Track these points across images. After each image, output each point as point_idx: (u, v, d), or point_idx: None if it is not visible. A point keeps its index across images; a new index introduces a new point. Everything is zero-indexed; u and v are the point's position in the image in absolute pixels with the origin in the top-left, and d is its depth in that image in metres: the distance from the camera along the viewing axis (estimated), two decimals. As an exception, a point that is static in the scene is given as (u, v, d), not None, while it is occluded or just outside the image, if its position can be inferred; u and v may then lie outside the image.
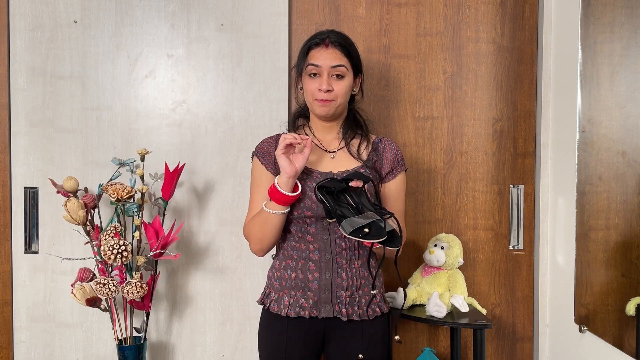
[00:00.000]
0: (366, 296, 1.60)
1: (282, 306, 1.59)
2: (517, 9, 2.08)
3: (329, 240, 1.58)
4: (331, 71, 1.56)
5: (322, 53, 1.57)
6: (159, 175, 1.91)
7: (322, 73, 1.56)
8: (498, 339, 2.14)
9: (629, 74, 1.54)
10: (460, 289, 1.91)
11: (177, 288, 2.06)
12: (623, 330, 1.57)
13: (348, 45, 1.60)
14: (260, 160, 1.66)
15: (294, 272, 1.59)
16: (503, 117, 2.10)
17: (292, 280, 1.59)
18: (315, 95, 1.58)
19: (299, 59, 1.64)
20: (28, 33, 1.99)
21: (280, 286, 1.61)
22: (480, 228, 2.11)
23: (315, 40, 1.60)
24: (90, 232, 1.84)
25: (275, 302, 1.61)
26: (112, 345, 2.03)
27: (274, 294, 1.62)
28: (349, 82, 1.60)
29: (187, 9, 2.02)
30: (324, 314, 1.56)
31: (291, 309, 1.57)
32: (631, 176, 1.52)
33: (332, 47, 1.58)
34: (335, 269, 1.57)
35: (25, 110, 2.00)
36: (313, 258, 1.58)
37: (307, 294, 1.57)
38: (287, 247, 1.62)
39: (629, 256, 1.54)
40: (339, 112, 1.63)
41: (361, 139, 1.67)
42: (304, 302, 1.57)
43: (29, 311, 2.02)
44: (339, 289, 1.57)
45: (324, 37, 1.59)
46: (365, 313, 1.58)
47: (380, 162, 1.65)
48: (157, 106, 2.03)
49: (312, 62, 1.57)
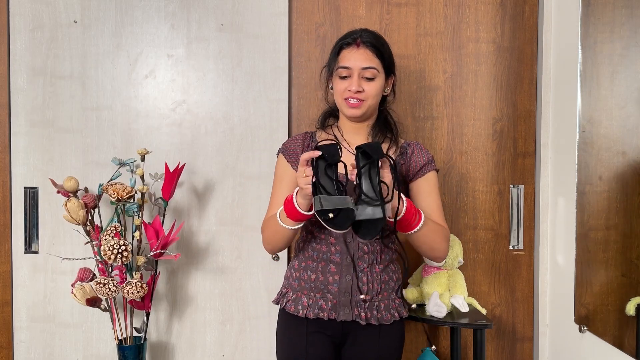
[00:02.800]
0: (385, 301, 1.58)
1: (301, 307, 1.57)
2: (517, 9, 2.08)
3: (352, 243, 1.56)
4: (362, 72, 1.53)
5: (353, 54, 1.53)
6: (159, 175, 1.91)
7: (353, 74, 1.53)
8: (498, 339, 2.14)
9: (629, 74, 1.54)
10: (460, 289, 1.91)
11: (177, 288, 2.06)
12: (623, 330, 1.57)
13: (380, 46, 1.56)
14: (285, 158, 1.64)
15: (314, 273, 1.57)
16: (503, 117, 2.10)
17: (311, 282, 1.57)
18: (344, 96, 1.55)
19: (330, 59, 1.60)
20: (28, 33, 1.99)
21: (299, 287, 1.60)
22: (480, 228, 2.11)
23: (347, 40, 1.56)
24: (90, 232, 1.84)
25: (292, 302, 1.59)
26: (112, 345, 2.03)
27: (291, 294, 1.61)
28: (380, 84, 1.56)
29: (187, 9, 2.02)
30: (342, 317, 1.55)
31: (310, 310, 1.56)
32: (631, 176, 1.52)
33: (363, 47, 1.54)
34: (356, 273, 1.55)
35: (25, 110, 2.00)
36: (334, 260, 1.56)
37: (326, 296, 1.56)
38: (307, 248, 1.61)
39: (629, 256, 1.54)
40: (369, 114, 1.60)
41: (390, 142, 1.63)
42: (323, 304, 1.56)
43: (29, 311, 2.02)
44: (359, 292, 1.55)
45: (356, 36, 1.55)
46: (384, 317, 1.56)
47: (407, 165, 1.61)
48: (157, 106, 2.03)
49: (342, 64, 1.54)
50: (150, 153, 1.94)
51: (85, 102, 2.02)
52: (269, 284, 2.06)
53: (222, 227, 2.05)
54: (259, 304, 2.06)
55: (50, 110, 2.01)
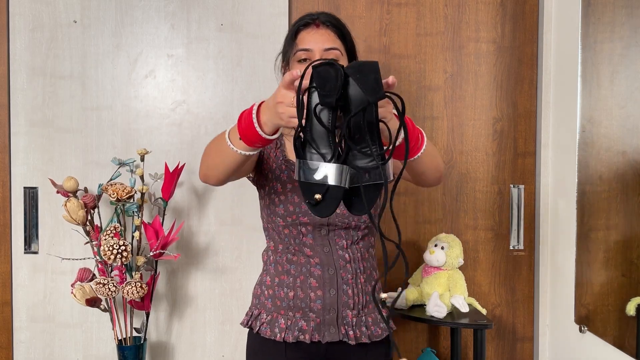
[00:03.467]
0: (372, 314, 1.40)
1: (277, 330, 1.36)
2: (518, 9, 2.08)
3: (331, 252, 1.37)
4: (324, 54, 1.35)
5: (312, 35, 1.37)
6: (158, 175, 1.91)
7: (314, 57, 1.35)
8: (498, 339, 2.14)
9: (629, 74, 1.54)
10: (461, 289, 1.90)
11: (177, 288, 2.06)
12: (623, 330, 1.57)
13: (341, 27, 1.42)
14: None
15: (292, 290, 1.37)
16: (503, 117, 2.10)
17: (289, 300, 1.36)
18: None
19: (286, 44, 1.43)
20: (28, 33, 1.99)
21: (274, 306, 1.39)
22: (480, 228, 2.11)
23: (304, 21, 1.40)
24: (90, 232, 1.83)
25: (267, 325, 1.38)
26: (112, 345, 2.03)
27: (265, 316, 1.40)
28: None
29: (187, 9, 2.02)
30: (328, 338, 1.35)
31: (289, 332, 1.35)
32: (631, 176, 1.52)
33: (323, 27, 1.39)
34: (340, 286, 1.36)
35: (25, 110, 2.00)
36: (315, 274, 1.36)
37: (308, 315, 1.36)
38: (281, 261, 1.40)
39: (629, 256, 1.54)
40: None
41: None
42: (304, 325, 1.35)
43: (28, 311, 2.02)
44: (345, 308, 1.36)
45: (314, 17, 1.40)
46: (374, 333, 1.39)
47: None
48: (157, 106, 2.03)
49: (302, 46, 1.37)
50: (150, 153, 1.94)
51: (85, 102, 2.01)
52: (269, 284, 2.05)
53: (222, 227, 2.05)
54: (259, 304, 2.06)
55: (50, 110, 2.01)
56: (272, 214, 1.41)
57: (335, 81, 0.93)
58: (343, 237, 1.39)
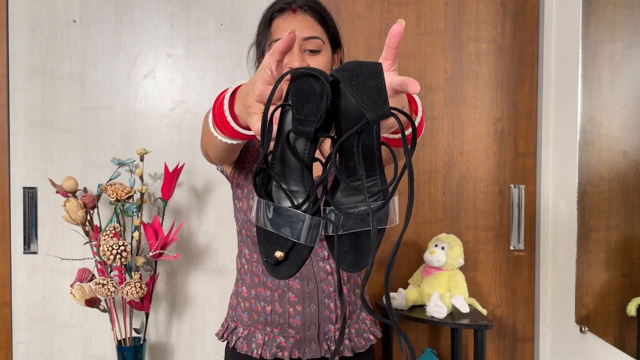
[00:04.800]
0: (356, 324, 1.31)
1: (255, 345, 1.27)
2: (518, 9, 2.08)
3: (311, 264, 1.25)
4: (303, 44, 1.19)
5: (289, 22, 1.20)
6: (158, 175, 1.91)
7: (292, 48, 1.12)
8: (499, 339, 2.13)
9: (630, 74, 1.53)
10: (461, 290, 1.90)
11: (177, 288, 2.05)
12: (624, 330, 1.56)
13: (322, 10, 1.24)
14: None
15: (270, 304, 1.26)
16: (504, 117, 2.10)
17: (267, 315, 1.26)
18: None
19: (259, 33, 1.27)
20: (27, 33, 1.99)
21: (251, 320, 1.29)
22: (480, 228, 2.11)
23: (279, 6, 1.23)
24: (89, 232, 1.83)
25: (244, 340, 1.29)
26: (111, 345, 2.03)
27: (241, 329, 1.30)
28: (327, 58, 1.23)
29: (186, 9, 2.02)
30: (309, 355, 1.26)
31: (266, 349, 1.25)
32: (632, 176, 1.52)
33: (301, 13, 1.21)
34: (321, 300, 1.25)
35: (24, 110, 2.00)
36: (294, 287, 1.25)
37: (287, 331, 1.26)
38: (257, 272, 1.28)
39: (630, 256, 1.54)
40: None
41: None
42: (283, 341, 1.25)
43: (28, 312, 2.02)
44: (327, 322, 1.26)
45: (290, 1, 1.23)
46: (357, 345, 1.30)
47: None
48: (157, 106, 2.03)
49: (277, 36, 1.21)
50: (149, 153, 1.93)
51: (85, 101, 2.01)
52: (268, 284, 2.05)
53: (221, 227, 2.05)
54: (259, 305, 2.06)
55: (49, 110, 2.00)
56: (248, 220, 1.25)
57: (318, 101, 0.66)
58: (324, 247, 1.25)
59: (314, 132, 0.66)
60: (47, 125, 2.00)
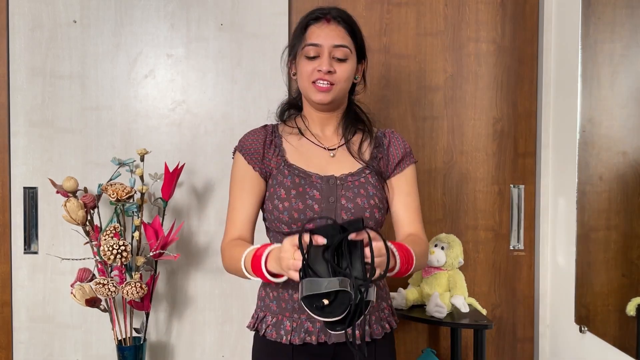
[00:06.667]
0: (375, 313, 1.41)
1: (283, 332, 1.36)
2: (518, 9, 2.08)
3: None
4: (333, 51, 1.35)
5: (323, 30, 1.36)
6: (158, 175, 1.91)
7: (323, 53, 1.34)
8: (498, 339, 2.14)
9: (630, 74, 1.54)
10: (461, 290, 1.90)
11: (177, 288, 2.05)
12: (623, 330, 1.57)
13: (352, 24, 1.40)
14: (245, 158, 1.43)
15: (297, 292, 1.33)
16: (503, 117, 2.10)
17: (294, 302, 1.36)
18: (312, 77, 1.35)
19: (295, 38, 1.41)
20: (27, 33, 1.99)
21: (279, 308, 1.38)
22: (480, 228, 2.11)
23: (315, 15, 1.38)
24: (89, 232, 1.83)
25: (273, 328, 1.38)
26: (111, 345, 2.03)
27: (270, 318, 1.39)
28: (352, 66, 1.39)
29: (186, 9, 2.02)
30: (334, 339, 1.34)
31: (295, 334, 1.35)
32: (632, 176, 1.52)
33: (334, 23, 1.37)
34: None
35: (24, 110, 2.00)
36: None
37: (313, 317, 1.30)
38: None
39: (630, 256, 1.54)
40: (338, 101, 1.41)
41: (363, 134, 1.45)
42: (310, 326, 1.35)
43: (28, 311, 2.02)
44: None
45: (326, 11, 1.38)
46: (375, 332, 1.39)
47: (385, 158, 1.44)
48: (157, 106, 2.03)
49: (311, 41, 1.35)
50: (149, 153, 1.93)
51: (85, 102, 2.01)
52: (268, 284, 2.05)
53: (221, 227, 2.03)
54: (259, 304, 2.06)
55: (50, 110, 2.00)
56: (275, 219, 1.39)
57: (336, 231, 1.11)
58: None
59: (338, 243, 1.12)
60: (47, 126, 2.01)
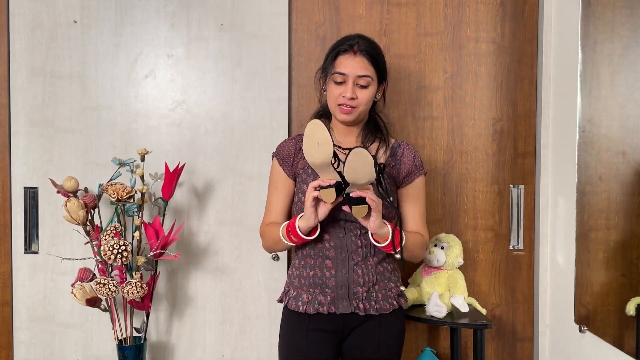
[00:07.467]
0: (382, 291, 1.64)
1: (301, 303, 1.64)
2: (517, 9, 2.08)
3: (345, 238, 1.62)
4: (357, 80, 1.59)
5: (349, 61, 1.59)
6: (159, 175, 1.91)
7: (348, 81, 1.59)
8: (498, 339, 2.14)
9: (630, 74, 1.54)
10: (461, 289, 1.90)
11: (177, 288, 2.06)
12: (623, 330, 1.57)
13: (376, 55, 1.63)
14: (279, 163, 1.71)
15: (312, 270, 1.64)
16: (503, 117, 2.10)
17: (310, 278, 1.64)
18: (338, 101, 1.61)
19: (326, 62, 1.66)
20: (28, 33, 1.99)
21: (300, 284, 1.66)
22: (480, 228, 2.11)
23: (344, 47, 1.62)
24: (90, 232, 1.83)
25: (293, 300, 1.66)
26: (112, 345, 2.03)
27: (292, 292, 1.68)
28: (373, 91, 1.64)
29: (186, 9, 2.02)
30: (341, 310, 1.61)
31: (310, 305, 1.62)
32: (631, 176, 1.52)
33: (360, 55, 1.60)
34: (351, 266, 1.61)
35: (25, 110, 2.00)
36: (330, 256, 1.62)
37: (325, 291, 1.62)
38: (305, 247, 1.67)
39: (629, 256, 1.54)
40: (360, 119, 1.67)
41: (380, 143, 1.70)
42: (322, 299, 1.62)
43: (28, 311, 2.02)
44: (356, 285, 1.61)
45: (353, 43, 1.61)
46: (382, 307, 1.62)
47: (397, 167, 1.68)
48: (157, 106, 2.03)
49: (338, 70, 1.60)
50: (150, 153, 1.94)
51: (85, 102, 2.01)
52: (268, 284, 2.05)
53: (222, 227, 2.05)
54: (259, 304, 2.06)
55: (50, 110, 2.01)
56: (299, 210, 1.66)
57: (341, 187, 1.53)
58: (358, 227, 1.63)
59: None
60: (47, 126, 2.01)
